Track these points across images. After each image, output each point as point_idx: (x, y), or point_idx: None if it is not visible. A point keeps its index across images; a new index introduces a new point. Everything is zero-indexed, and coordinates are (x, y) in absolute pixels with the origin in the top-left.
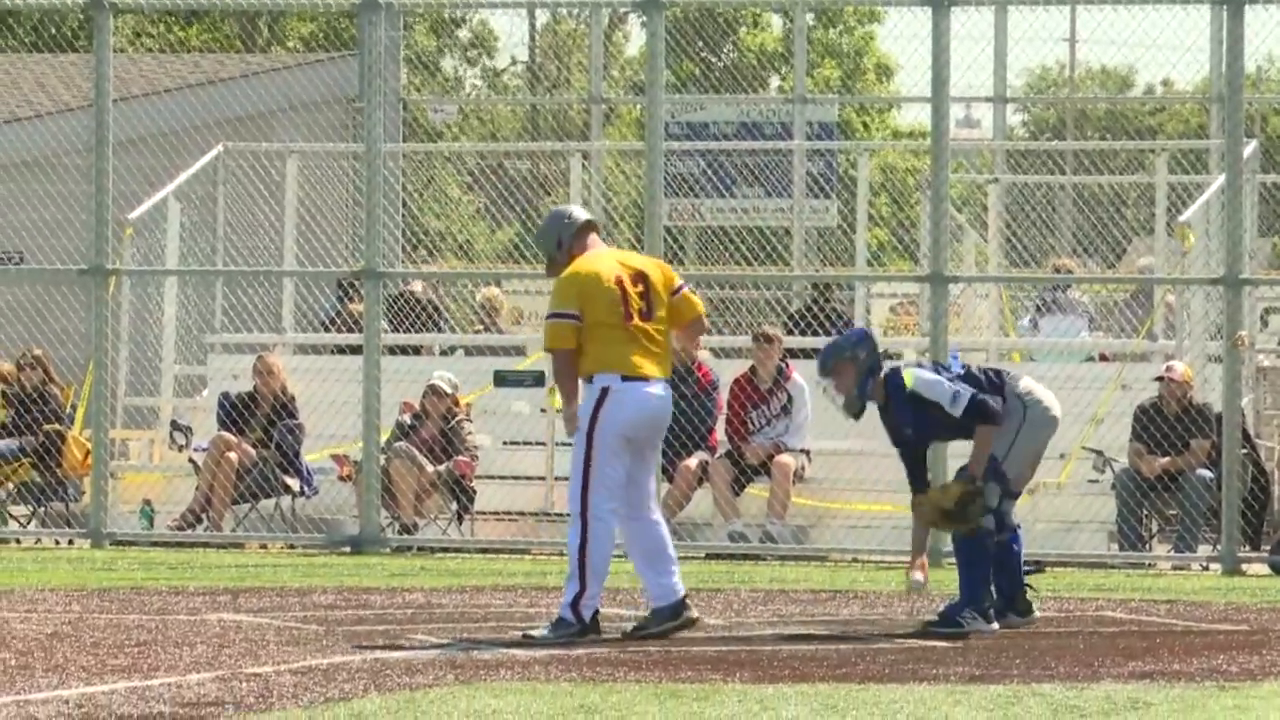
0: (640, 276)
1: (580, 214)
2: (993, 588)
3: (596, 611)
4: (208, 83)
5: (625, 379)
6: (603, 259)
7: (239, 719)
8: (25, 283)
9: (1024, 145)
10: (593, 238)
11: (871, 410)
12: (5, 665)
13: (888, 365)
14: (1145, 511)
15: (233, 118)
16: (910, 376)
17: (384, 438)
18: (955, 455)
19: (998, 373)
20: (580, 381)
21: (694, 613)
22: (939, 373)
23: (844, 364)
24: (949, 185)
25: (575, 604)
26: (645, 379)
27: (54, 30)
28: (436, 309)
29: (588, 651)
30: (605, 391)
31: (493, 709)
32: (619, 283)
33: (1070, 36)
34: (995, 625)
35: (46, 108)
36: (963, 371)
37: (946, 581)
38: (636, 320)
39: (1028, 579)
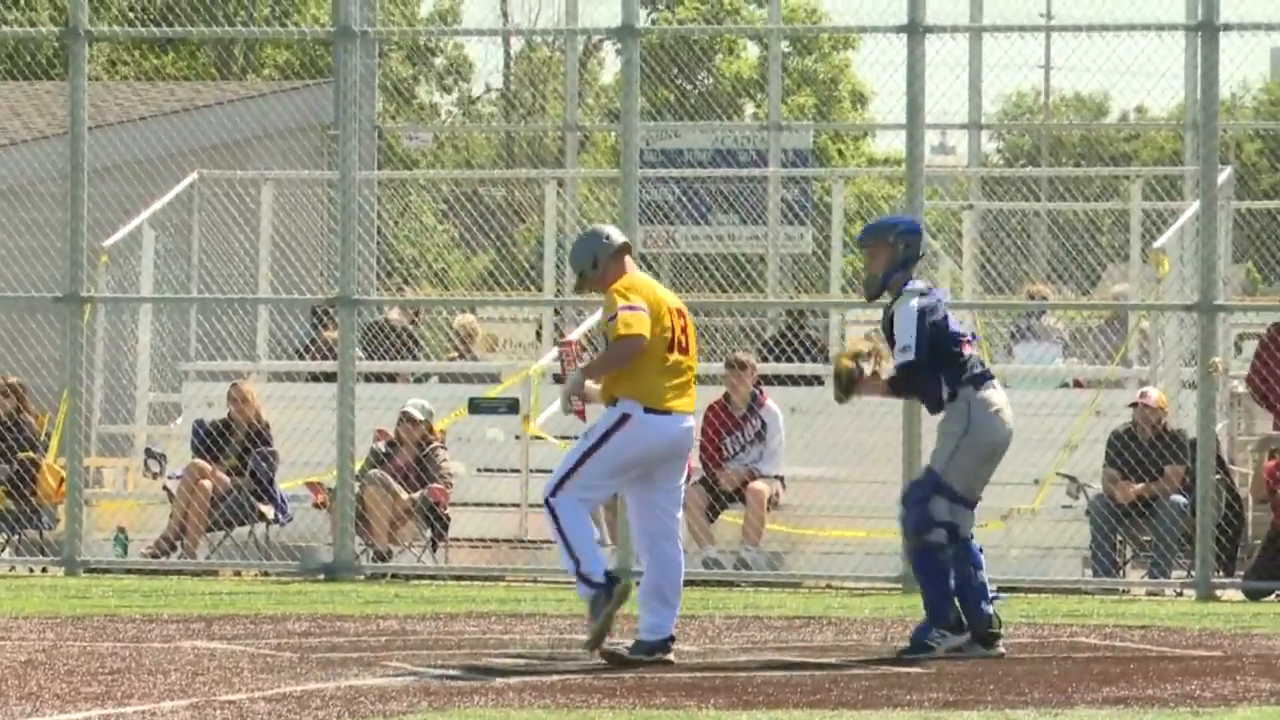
0: (680, 312)
1: (618, 236)
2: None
3: (609, 573)
4: (183, 110)
5: (648, 410)
6: (655, 286)
7: None
8: (0, 310)
9: (999, 172)
10: (628, 260)
11: (849, 436)
12: None
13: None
14: (1119, 537)
15: (208, 145)
16: (902, 301)
17: (358, 465)
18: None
19: (980, 374)
20: (601, 400)
21: (671, 656)
22: (924, 317)
23: (882, 245)
24: (924, 212)
25: (581, 575)
26: (668, 413)
27: (29, 58)
28: (411, 336)
29: (562, 678)
30: (625, 418)
31: None
32: (669, 314)
33: (1045, 63)
34: (965, 636)
35: (21, 135)
36: (960, 332)
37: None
38: (676, 354)
39: (993, 604)
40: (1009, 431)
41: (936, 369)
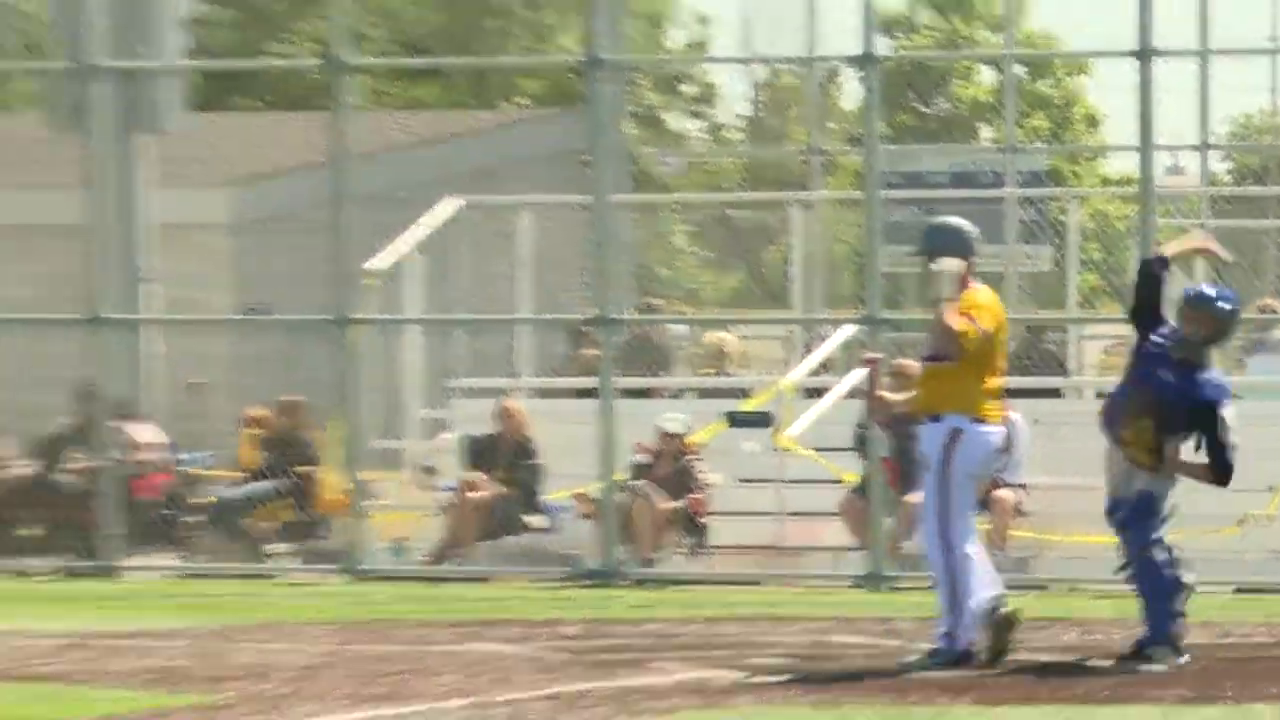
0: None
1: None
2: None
3: (971, 644)
4: (442, 140)
5: (973, 421)
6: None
7: None
8: (274, 332)
9: (1229, 190)
10: None
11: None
12: (270, 694)
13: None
14: None
15: (466, 172)
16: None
17: (621, 477)
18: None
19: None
20: (924, 414)
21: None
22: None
23: (1207, 317)
24: (1157, 230)
25: (951, 635)
26: (986, 421)
27: (293, 89)
28: (664, 353)
29: (821, 678)
30: (956, 433)
31: None
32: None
33: (1272, 85)
34: (1185, 657)
35: (286, 164)
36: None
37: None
38: (997, 375)
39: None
40: None
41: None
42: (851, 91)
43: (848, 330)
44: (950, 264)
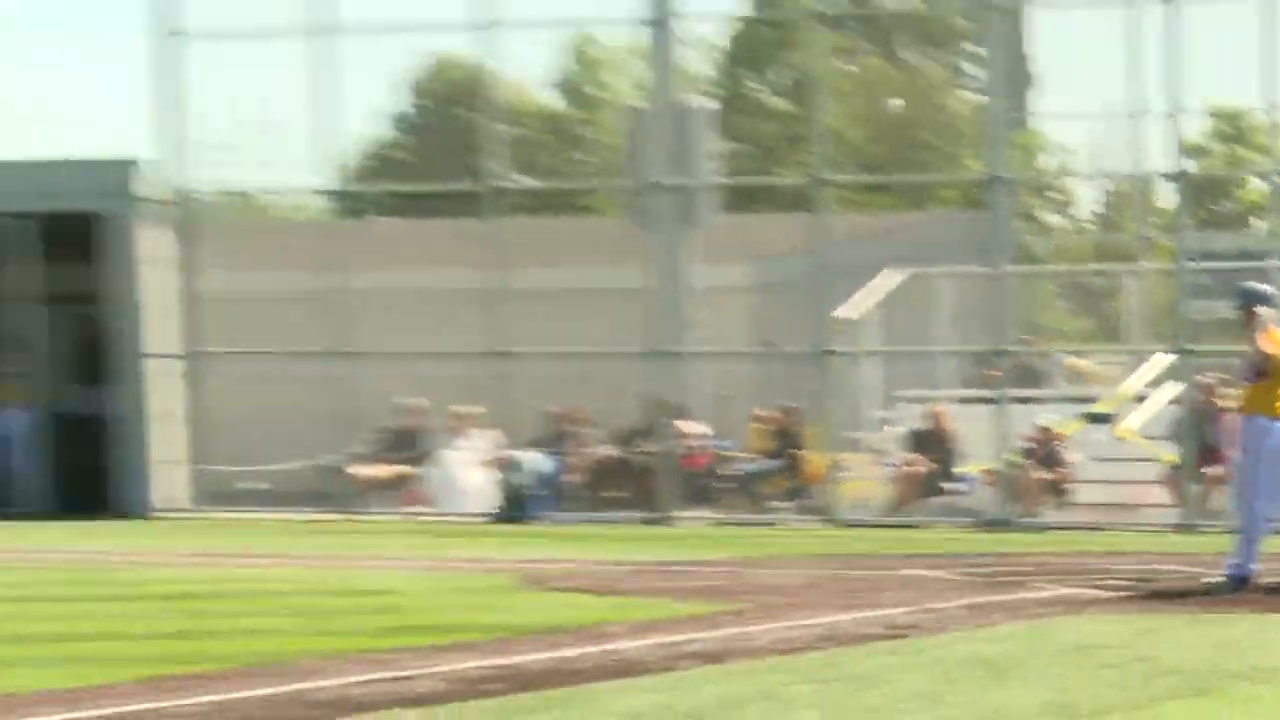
0: None
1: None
2: None
3: (1249, 573)
4: (889, 231)
5: (1273, 420)
6: None
7: (924, 638)
8: (778, 360)
9: None
10: None
11: None
12: (777, 604)
13: None
14: None
15: (905, 253)
16: None
17: (1012, 456)
18: None
19: None
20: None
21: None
22: None
23: None
24: None
25: (1241, 566)
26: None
27: (788, 198)
28: (1040, 373)
29: (1148, 594)
30: (1263, 428)
31: (1086, 630)
32: None
33: None
34: None
35: (786, 247)
36: None
37: None
38: None
39: None
40: None
41: None
42: (1166, 196)
43: (1166, 358)
44: (1267, 312)
